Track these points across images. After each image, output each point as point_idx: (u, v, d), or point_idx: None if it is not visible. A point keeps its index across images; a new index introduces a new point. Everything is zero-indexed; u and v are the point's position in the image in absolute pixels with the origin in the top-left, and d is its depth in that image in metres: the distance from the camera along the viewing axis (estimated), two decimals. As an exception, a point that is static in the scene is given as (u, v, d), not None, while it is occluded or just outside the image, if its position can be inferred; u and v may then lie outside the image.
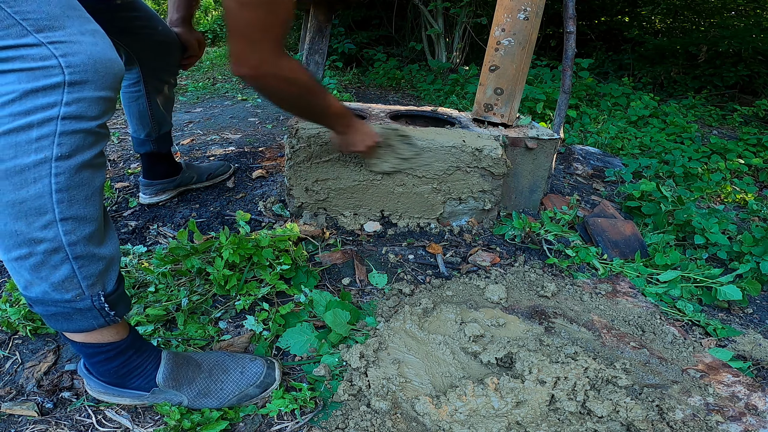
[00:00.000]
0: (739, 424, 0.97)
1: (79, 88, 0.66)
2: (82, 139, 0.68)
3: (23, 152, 0.65)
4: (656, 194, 2.02)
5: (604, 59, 6.35)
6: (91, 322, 0.79)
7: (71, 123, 0.66)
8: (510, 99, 1.80)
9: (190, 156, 2.34)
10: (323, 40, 1.93)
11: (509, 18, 1.69)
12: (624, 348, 1.19)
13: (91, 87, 0.67)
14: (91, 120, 0.68)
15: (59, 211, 0.70)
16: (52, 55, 0.63)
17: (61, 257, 0.72)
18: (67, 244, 0.72)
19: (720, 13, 6.32)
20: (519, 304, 1.34)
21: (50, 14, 0.64)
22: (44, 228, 0.69)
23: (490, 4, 5.12)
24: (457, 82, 4.66)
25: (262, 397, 0.97)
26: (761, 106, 4.47)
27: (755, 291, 1.50)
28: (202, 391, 0.93)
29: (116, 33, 1.35)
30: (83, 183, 0.71)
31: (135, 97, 1.54)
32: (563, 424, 0.94)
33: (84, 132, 0.68)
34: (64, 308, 0.76)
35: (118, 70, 0.70)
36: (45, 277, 0.73)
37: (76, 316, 0.78)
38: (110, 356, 0.86)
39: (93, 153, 0.71)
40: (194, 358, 0.97)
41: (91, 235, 0.74)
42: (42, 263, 0.72)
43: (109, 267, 0.80)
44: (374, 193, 1.66)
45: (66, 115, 0.66)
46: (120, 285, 0.83)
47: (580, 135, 3.42)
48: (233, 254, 1.25)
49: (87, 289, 0.76)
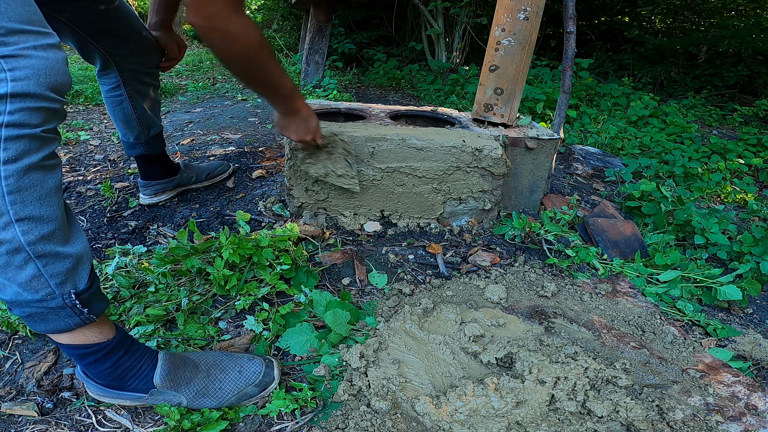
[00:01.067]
0: (739, 424, 0.97)
1: (21, 99, 0.70)
2: (27, 143, 0.72)
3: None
4: (656, 194, 2.02)
5: (604, 59, 6.35)
6: (67, 321, 0.81)
7: (14, 130, 0.70)
8: (510, 99, 1.80)
9: (190, 156, 2.34)
10: (323, 40, 1.93)
11: (509, 18, 1.69)
12: (624, 348, 1.19)
13: (33, 99, 0.71)
14: (34, 127, 0.72)
15: (13, 212, 0.73)
16: (1, 68, 0.68)
17: (23, 257, 0.74)
18: (26, 243, 0.74)
19: (720, 13, 6.32)
20: (519, 304, 1.34)
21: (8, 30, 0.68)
22: (2, 229, 0.72)
23: (490, 4, 5.12)
24: (457, 82, 4.66)
25: (261, 396, 0.97)
26: (761, 106, 4.47)
27: (755, 291, 1.50)
28: (200, 391, 0.93)
29: (93, 34, 1.35)
30: (34, 184, 0.74)
31: (118, 101, 1.53)
32: (563, 424, 0.94)
33: (28, 137, 0.72)
34: (37, 308, 0.78)
35: (63, 83, 0.75)
36: (12, 278, 0.75)
37: (51, 315, 0.79)
38: (99, 357, 0.87)
39: (41, 155, 0.74)
40: (191, 358, 0.97)
41: (51, 234, 0.77)
42: (7, 264, 0.74)
43: (78, 265, 0.81)
44: (374, 193, 1.66)
45: (9, 122, 0.70)
46: (93, 283, 0.84)
47: (580, 135, 3.42)
48: (233, 254, 1.25)
49: (57, 287, 0.78)
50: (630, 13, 6.93)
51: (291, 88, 1.24)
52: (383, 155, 1.59)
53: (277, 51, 5.94)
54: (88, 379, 0.92)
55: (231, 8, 0.99)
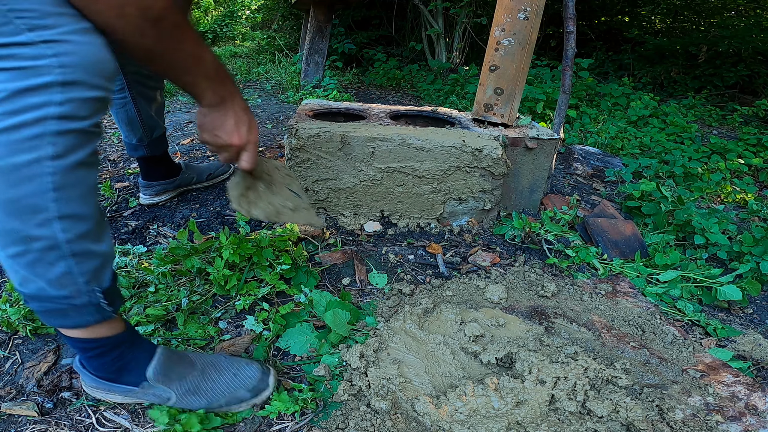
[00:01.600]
0: (739, 424, 0.97)
1: (70, 88, 0.66)
2: (75, 138, 0.69)
3: (17, 150, 0.65)
4: (656, 194, 2.02)
5: (604, 59, 6.35)
6: (87, 318, 0.80)
7: (64, 123, 0.67)
8: (510, 99, 1.80)
9: (190, 156, 2.34)
10: (323, 40, 1.92)
11: (509, 18, 1.69)
12: (624, 348, 1.19)
13: (83, 87, 0.67)
14: (83, 119, 0.69)
15: (56, 209, 0.70)
16: (45, 55, 0.63)
17: (57, 255, 0.73)
18: (64, 241, 0.72)
19: (720, 13, 6.32)
20: (519, 304, 1.34)
21: (44, 12, 0.62)
22: (40, 226, 0.70)
23: (490, 4, 5.11)
24: (457, 82, 4.66)
25: (253, 402, 0.96)
26: (761, 106, 4.47)
27: (755, 291, 1.50)
28: (191, 389, 0.92)
29: None
30: (78, 182, 0.71)
31: (122, 104, 1.54)
32: (563, 424, 0.93)
33: (77, 131, 0.69)
34: (60, 304, 0.77)
35: (111, 70, 0.70)
36: (41, 274, 0.74)
37: (72, 312, 0.79)
38: (105, 350, 0.87)
39: (87, 152, 0.71)
40: (189, 357, 0.97)
41: (88, 232, 0.75)
42: (38, 260, 0.72)
43: (105, 263, 0.80)
44: (374, 193, 1.66)
45: (59, 115, 0.66)
46: (114, 280, 0.84)
47: (580, 135, 3.42)
48: (233, 254, 1.25)
49: (84, 285, 0.77)
50: (630, 13, 6.93)
51: (219, 64, 0.86)
52: (383, 155, 1.59)
53: (277, 51, 5.95)
54: (84, 371, 0.92)
55: None
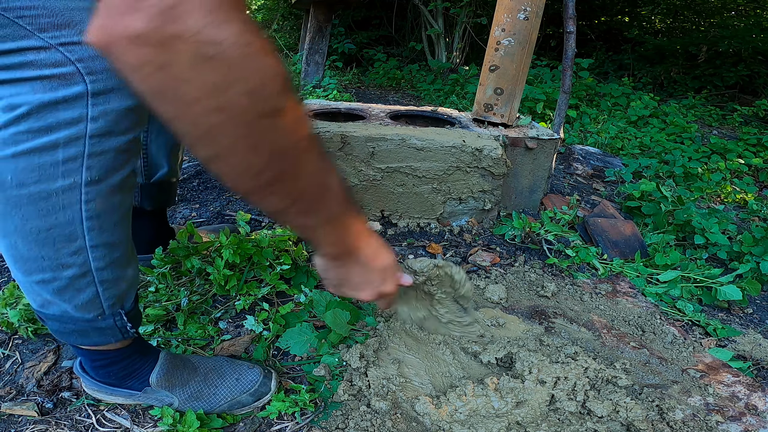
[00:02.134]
0: (739, 424, 0.97)
1: (104, 99, 0.56)
2: (112, 159, 0.61)
3: (49, 176, 0.58)
4: (656, 194, 2.02)
5: (604, 59, 6.35)
6: (109, 338, 0.78)
7: (100, 141, 0.58)
8: (510, 99, 1.80)
9: (190, 156, 2.33)
10: (323, 40, 1.92)
11: (509, 18, 1.69)
12: (624, 348, 1.19)
13: (118, 96, 0.57)
14: (120, 135, 0.60)
15: (89, 238, 0.65)
16: (67, 60, 0.53)
17: (87, 281, 0.69)
18: (96, 269, 0.69)
19: (720, 13, 6.32)
20: (519, 304, 1.34)
21: (51, 9, 0.51)
22: (73, 254, 0.65)
23: (490, 4, 5.12)
24: (457, 82, 4.67)
25: (254, 405, 0.95)
26: (761, 106, 4.47)
27: (755, 291, 1.50)
28: (194, 394, 0.92)
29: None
30: (114, 208, 0.65)
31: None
32: (563, 424, 0.93)
33: (114, 151, 0.60)
34: (82, 326, 0.75)
35: None
36: (68, 299, 0.70)
37: (94, 333, 0.76)
38: (114, 361, 0.86)
39: (124, 174, 0.64)
40: (192, 361, 0.96)
41: (118, 259, 0.72)
42: (66, 287, 0.68)
43: (131, 286, 0.78)
44: (374, 193, 1.66)
45: (94, 132, 0.57)
46: (136, 301, 0.82)
47: (580, 135, 3.42)
48: (233, 254, 1.25)
49: (108, 308, 0.75)
50: (630, 13, 6.94)
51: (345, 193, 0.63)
52: (383, 155, 1.59)
53: (277, 51, 5.95)
54: (86, 375, 0.91)
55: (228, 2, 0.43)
